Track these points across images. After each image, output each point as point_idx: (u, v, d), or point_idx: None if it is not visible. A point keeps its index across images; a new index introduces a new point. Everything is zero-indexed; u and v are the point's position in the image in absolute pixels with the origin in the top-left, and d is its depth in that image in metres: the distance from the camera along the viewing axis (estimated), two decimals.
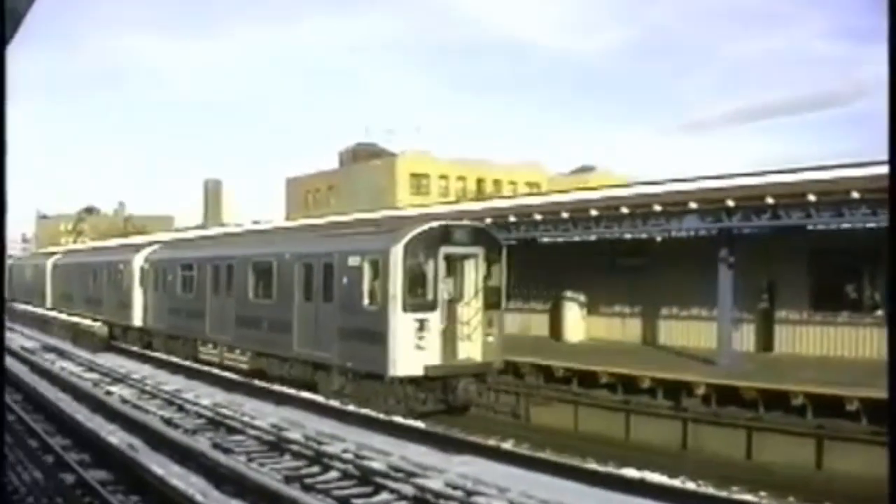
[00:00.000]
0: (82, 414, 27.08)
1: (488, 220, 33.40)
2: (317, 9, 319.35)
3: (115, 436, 23.27)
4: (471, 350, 28.03)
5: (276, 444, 22.66)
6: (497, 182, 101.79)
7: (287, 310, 32.52)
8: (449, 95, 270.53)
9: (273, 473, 19.65)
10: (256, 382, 33.02)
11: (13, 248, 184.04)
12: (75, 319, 53.32)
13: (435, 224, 28.74)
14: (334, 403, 28.00)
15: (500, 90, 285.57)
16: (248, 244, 43.06)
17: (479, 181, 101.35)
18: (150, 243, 55.50)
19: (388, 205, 65.37)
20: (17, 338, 54.88)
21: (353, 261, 29.03)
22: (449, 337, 27.62)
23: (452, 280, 28.65)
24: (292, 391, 30.67)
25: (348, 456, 20.78)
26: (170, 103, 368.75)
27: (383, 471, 19.19)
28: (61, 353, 46.12)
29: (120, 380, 35.59)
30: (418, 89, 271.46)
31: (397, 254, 27.00)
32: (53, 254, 78.39)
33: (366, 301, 28.43)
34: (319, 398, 29.18)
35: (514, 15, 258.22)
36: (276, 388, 31.59)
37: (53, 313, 58.19)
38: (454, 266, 28.56)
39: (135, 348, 47.10)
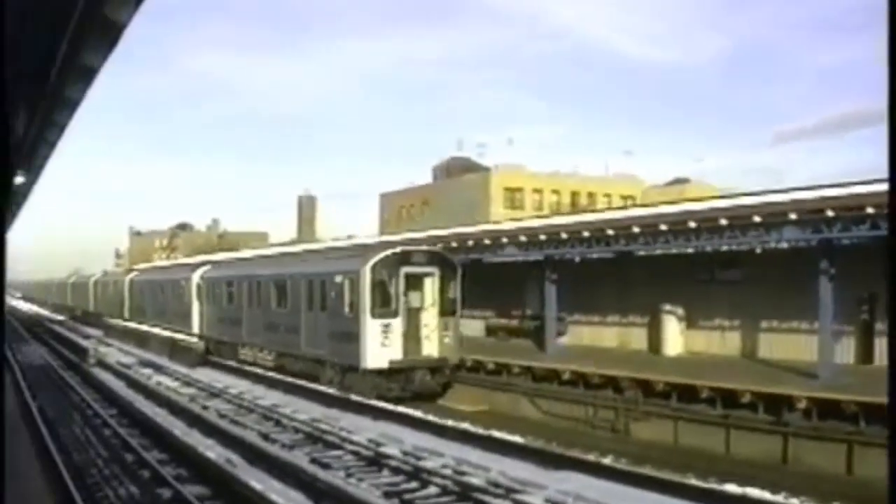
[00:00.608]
0: (179, 428, 27.35)
1: (585, 234, 33.27)
2: (407, 22, 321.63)
3: (213, 451, 23.47)
4: (429, 348, 34.89)
5: (375, 460, 22.63)
6: (591, 195, 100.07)
7: (297, 318, 40.17)
8: (541, 108, 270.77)
9: (372, 489, 19.68)
10: (353, 397, 33.03)
11: (107, 263, 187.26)
12: (170, 335, 54.45)
13: (397, 249, 35.96)
14: (432, 418, 28.02)
15: (592, 101, 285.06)
16: (272, 265, 51.54)
17: (574, 194, 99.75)
18: (206, 263, 65.06)
19: (483, 219, 64.55)
20: (114, 352, 56.08)
21: (338, 278, 36.59)
22: (410, 337, 34.50)
23: (416, 293, 35.42)
24: (389, 406, 30.73)
25: (447, 471, 20.75)
26: (265, 119, 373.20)
27: (482, 486, 19.15)
28: (158, 368, 46.55)
29: (216, 394, 35.85)
30: (511, 102, 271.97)
31: (366, 273, 34.26)
32: (130, 271, 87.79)
33: (346, 310, 35.81)
34: (417, 413, 29.16)
35: (606, 26, 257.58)
36: (373, 402, 31.67)
37: (155, 329, 59.22)
38: (416, 282, 35.32)
39: (231, 362, 47.58)
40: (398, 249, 35.84)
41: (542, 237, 35.32)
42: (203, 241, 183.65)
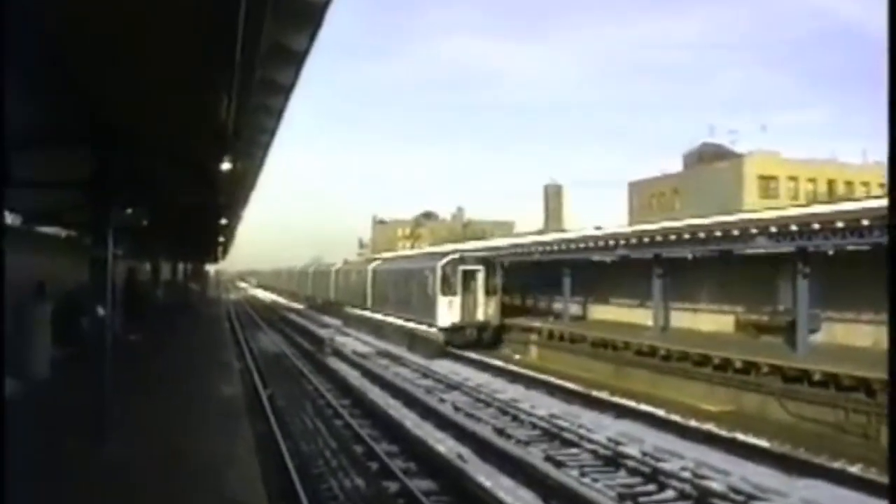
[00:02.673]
0: (411, 420, 27.64)
1: (839, 224, 31.79)
2: (655, 6, 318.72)
3: (444, 444, 23.76)
4: (477, 315, 52.06)
5: (612, 459, 22.31)
6: (849, 183, 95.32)
7: (411, 295, 57.84)
8: (797, 92, 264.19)
9: (606, 490, 19.35)
10: (595, 394, 32.62)
11: (349, 252, 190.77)
12: (411, 325, 57.56)
13: (457, 255, 55.12)
14: (675, 418, 27.47)
15: (850, 85, 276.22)
16: (406, 262, 72.04)
17: (830, 182, 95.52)
18: (377, 258, 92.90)
19: (735, 208, 60.14)
20: (351, 342, 60.23)
21: (426, 272, 54.73)
22: (465, 308, 51.70)
23: (470, 282, 52.27)
24: (632, 403, 30.22)
25: (686, 474, 20.32)
26: (510, 106, 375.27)
27: (722, 492, 18.69)
28: (395, 359, 49.05)
29: (454, 387, 35.87)
30: (764, 86, 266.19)
31: (438, 269, 52.31)
32: (334, 264, 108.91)
33: (429, 291, 53.44)
34: (660, 412, 28.65)
35: (865, 6, 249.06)
36: (616, 399, 31.23)
37: (388, 318, 63.61)
38: (470, 275, 52.37)
39: (470, 354, 47.84)
40: (458, 255, 55.21)
41: (794, 227, 33.88)
42: (447, 230, 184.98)
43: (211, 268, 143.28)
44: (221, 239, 64.45)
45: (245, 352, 48.02)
